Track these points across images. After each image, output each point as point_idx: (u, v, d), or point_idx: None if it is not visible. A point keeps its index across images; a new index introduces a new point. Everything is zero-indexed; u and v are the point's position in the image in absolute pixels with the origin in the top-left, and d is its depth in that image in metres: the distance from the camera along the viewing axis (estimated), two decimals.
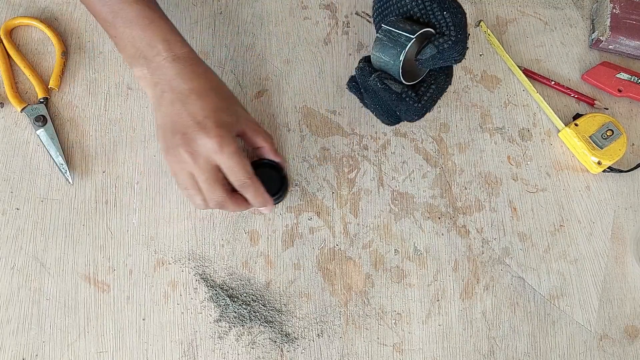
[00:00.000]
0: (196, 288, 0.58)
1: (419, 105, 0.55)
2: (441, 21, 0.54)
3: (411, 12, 0.55)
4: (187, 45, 0.55)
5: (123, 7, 0.53)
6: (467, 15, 0.72)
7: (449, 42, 0.52)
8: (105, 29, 0.56)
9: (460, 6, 0.55)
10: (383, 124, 0.66)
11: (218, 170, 0.52)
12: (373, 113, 0.60)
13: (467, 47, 0.54)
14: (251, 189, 0.54)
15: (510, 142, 0.68)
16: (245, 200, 0.55)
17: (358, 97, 0.61)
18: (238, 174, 0.52)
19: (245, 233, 0.61)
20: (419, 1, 0.54)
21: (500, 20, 0.73)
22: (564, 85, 0.70)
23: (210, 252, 0.60)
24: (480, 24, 0.72)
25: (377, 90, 0.55)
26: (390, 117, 0.59)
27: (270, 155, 0.59)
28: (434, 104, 0.56)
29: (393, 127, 0.66)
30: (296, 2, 0.71)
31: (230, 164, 0.51)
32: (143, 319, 0.57)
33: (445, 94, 0.68)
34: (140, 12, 0.53)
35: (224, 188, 0.53)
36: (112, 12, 0.54)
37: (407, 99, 0.54)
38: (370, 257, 0.61)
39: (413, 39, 0.52)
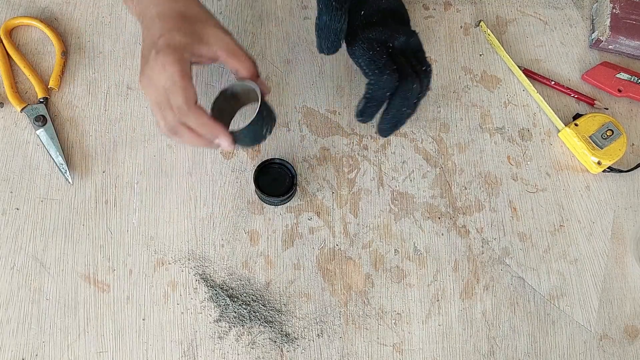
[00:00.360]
0: (196, 288, 0.58)
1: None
2: None
3: None
4: None
5: None
6: (468, 16, 0.73)
7: None
8: None
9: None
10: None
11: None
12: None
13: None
14: (191, 118, 0.49)
15: (510, 142, 0.68)
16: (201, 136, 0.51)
17: None
18: (174, 97, 0.48)
19: (245, 233, 0.61)
20: None
21: (500, 20, 0.73)
22: (564, 85, 0.70)
23: (210, 252, 0.60)
24: (480, 24, 0.72)
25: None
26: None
27: (247, 78, 0.53)
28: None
29: None
30: (296, 2, 0.71)
31: (168, 85, 0.48)
32: (143, 319, 0.57)
33: (445, 93, 0.69)
34: None
35: (174, 115, 0.49)
36: None
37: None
38: (370, 257, 0.61)
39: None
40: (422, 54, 0.59)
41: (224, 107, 0.56)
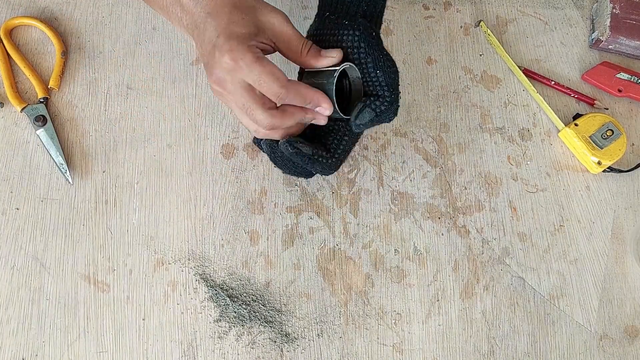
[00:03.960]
0: (196, 288, 0.58)
1: (333, 160, 0.53)
2: (375, 80, 0.51)
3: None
4: None
5: None
6: (468, 16, 0.73)
7: (385, 104, 0.50)
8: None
9: (393, 64, 0.51)
10: (384, 124, 0.66)
11: (250, 88, 0.46)
12: (285, 172, 0.57)
13: (399, 105, 0.52)
14: (291, 96, 0.46)
15: (510, 142, 0.68)
16: (299, 107, 0.49)
17: (268, 155, 0.55)
18: (267, 85, 0.45)
19: (245, 233, 0.61)
20: (353, 56, 0.51)
21: (500, 20, 0.73)
22: (564, 85, 0.70)
23: (210, 252, 0.60)
24: (480, 24, 0.72)
25: (289, 155, 0.51)
26: (303, 174, 0.57)
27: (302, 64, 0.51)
28: (347, 155, 0.55)
29: (393, 127, 0.66)
30: (296, 2, 0.71)
31: (253, 77, 0.45)
32: (143, 319, 0.57)
33: (445, 93, 0.69)
34: None
35: (264, 106, 0.46)
36: None
37: (320, 159, 0.52)
38: (370, 257, 0.61)
39: (338, 70, 0.50)
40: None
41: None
